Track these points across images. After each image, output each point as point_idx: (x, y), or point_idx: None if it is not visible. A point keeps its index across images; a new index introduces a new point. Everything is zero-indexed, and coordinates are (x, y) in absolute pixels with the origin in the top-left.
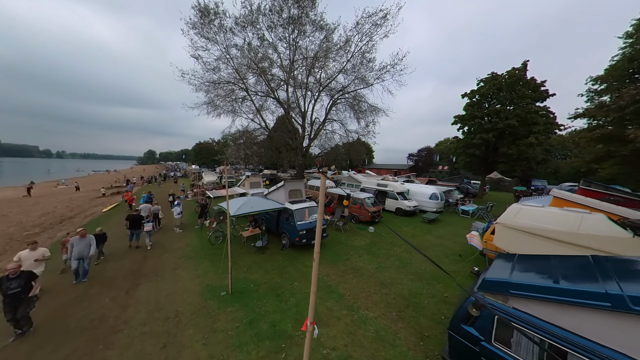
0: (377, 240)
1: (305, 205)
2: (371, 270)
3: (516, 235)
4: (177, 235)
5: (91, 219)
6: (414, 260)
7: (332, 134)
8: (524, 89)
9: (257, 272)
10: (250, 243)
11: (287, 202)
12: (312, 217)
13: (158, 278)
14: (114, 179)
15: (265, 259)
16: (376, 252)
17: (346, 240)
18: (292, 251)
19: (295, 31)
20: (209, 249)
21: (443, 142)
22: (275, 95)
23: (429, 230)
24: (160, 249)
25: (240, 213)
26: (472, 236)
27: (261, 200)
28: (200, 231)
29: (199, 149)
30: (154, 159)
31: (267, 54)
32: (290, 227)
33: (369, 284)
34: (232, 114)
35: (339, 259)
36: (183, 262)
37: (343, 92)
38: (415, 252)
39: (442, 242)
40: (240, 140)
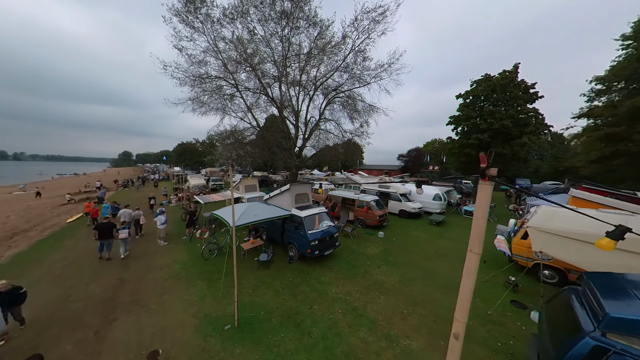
0: (390, 246)
1: (315, 212)
2: (395, 284)
3: (555, 240)
4: (161, 248)
5: (51, 231)
6: (438, 269)
7: (326, 134)
8: (516, 91)
9: (266, 294)
10: (251, 257)
11: (293, 209)
12: (322, 225)
13: (140, 308)
14: (84, 183)
15: (272, 275)
16: (394, 261)
17: (358, 248)
18: (301, 264)
19: (288, 26)
20: (202, 265)
21: (431, 143)
22: (268, 93)
23: (439, 234)
24: (141, 267)
25: (242, 223)
26: (500, 241)
27: (264, 206)
28: (190, 243)
29: (182, 150)
30: (130, 160)
31: (259, 50)
32: (299, 237)
33: (400, 303)
34: (220, 112)
35: (357, 271)
36: (172, 285)
37: (338, 91)
38: (436, 259)
39: (458, 247)
40: (228, 141)
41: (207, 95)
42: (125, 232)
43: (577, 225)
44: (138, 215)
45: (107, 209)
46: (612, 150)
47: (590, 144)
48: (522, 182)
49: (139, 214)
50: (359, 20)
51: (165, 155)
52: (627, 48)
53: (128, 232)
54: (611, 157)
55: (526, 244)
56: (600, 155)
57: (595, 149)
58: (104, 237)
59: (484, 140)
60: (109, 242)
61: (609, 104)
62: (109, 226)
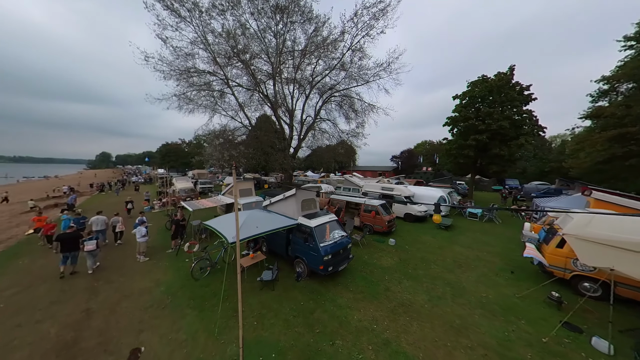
0: (404, 256)
1: (325, 220)
2: (425, 304)
3: (598, 249)
4: (141, 266)
5: (4, 247)
6: (465, 283)
7: (322, 134)
8: (512, 92)
9: (275, 325)
10: (251, 275)
11: (300, 217)
12: (333, 235)
13: (110, 357)
14: (53, 186)
15: (279, 299)
16: (413, 274)
17: (370, 258)
18: (311, 282)
19: (282, 21)
20: (192, 287)
21: (421, 145)
22: (262, 90)
23: (451, 239)
24: (114, 292)
25: (243, 238)
26: (531, 249)
27: (265, 215)
28: (176, 258)
29: (166, 151)
30: (109, 162)
31: (251, 45)
32: (309, 251)
33: (437, 331)
34: (209, 110)
35: (377, 289)
36: (153, 317)
37: (334, 89)
38: (459, 270)
39: (477, 255)
40: (217, 141)
41: (195, 91)
42: (92, 244)
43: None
44: (116, 222)
45: (67, 222)
46: (625, 151)
47: (600, 144)
48: (511, 183)
49: (117, 220)
50: (358, 15)
51: (148, 157)
52: (630, 49)
53: (96, 244)
54: (623, 157)
55: (563, 253)
56: (611, 155)
57: (603, 149)
58: (68, 249)
59: (482, 141)
60: (74, 255)
61: (623, 104)
62: (73, 236)
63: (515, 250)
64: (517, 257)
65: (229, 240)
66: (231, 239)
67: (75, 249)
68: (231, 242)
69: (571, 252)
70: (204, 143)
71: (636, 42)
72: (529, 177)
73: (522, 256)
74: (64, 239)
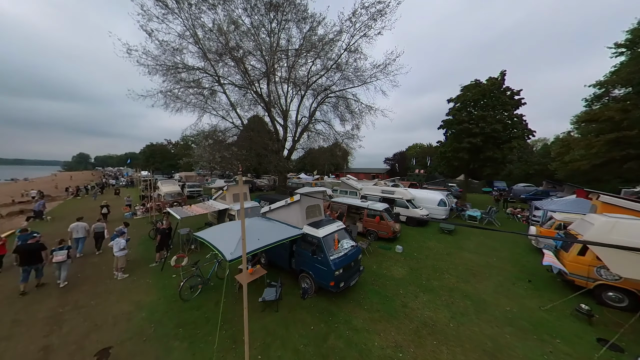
0: (414, 264)
1: (333, 229)
2: (449, 323)
3: (629, 257)
4: (119, 285)
5: None
6: (484, 295)
7: (317, 136)
8: (504, 97)
9: (283, 358)
10: (250, 293)
11: (306, 226)
12: (342, 245)
13: None
14: (21, 190)
15: (285, 321)
16: (428, 285)
17: (379, 268)
18: (320, 300)
19: (276, 20)
20: (180, 311)
21: (413, 147)
22: (256, 89)
23: (457, 244)
24: (83, 320)
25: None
26: (550, 257)
27: (267, 224)
28: (161, 273)
29: (150, 152)
30: (86, 163)
31: (243, 42)
32: (317, 264)
33: (470, 356)
34: (199, 109)
35: (393, 306)
36: (131, 354)
37: (330, 90)
38: (474, 280)
39: (487, 261)
40: (206, 142)
41: (183, 88)
42: (62, 255)
43: None
44: (100, 228)
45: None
46: (623, 154)
47: (599, 147)
48: (499, 185)
49: (102, 226)
50: (357, 15)
51: (131, 158)
52: (621, 55)
53: (67, 254)
54: (622, 160)
55: (585, 261)
56: (609, 158)
57: (601, 152)
58: (29, 262)
59: (476, 144)
60: (38, 268)
61: (621, 108)
62: (35, 248)
63: (524, 255)
64: (529, 263)
65: (227, 257)
66: (229, 255)
67: (37, 262)
68: (230, 259)
69: (594, 260)
70: (191, 144)
71: (627, 49)
72: (515, 179)
73: (541, 264)
74: (23, 250)
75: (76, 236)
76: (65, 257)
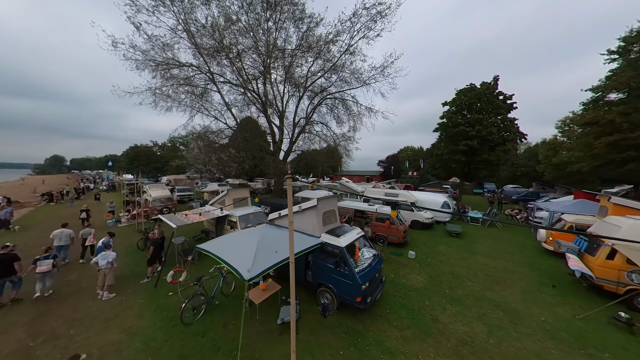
0: (432, 271)
1: (354, 237)
2: (488, 339)
3: None
4: (104, 307)
5: None
6: (514, 304)
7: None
8: (497, 101)
9: None
10: (264, 312)
11: (324, 234)
12: (363, 254)
13: None
14: None
15: (308, 346)
16: (452, 294)
17: (396, 277)
18: (342, 317)
19: (272, 19)
20: (182, 338)
21: (404, 150)
22: (253, 87)
23: (467, 248)
24: (59, 358)
25: (262, 270)
26: (576, 261)
27: (282, 233)
28: (155, 291)
29: (134, 154)
30: (61, 166)
31: (238, 41)
32: (340, 277)
33: None
34: (190, 109)
35: (423, 320)
36: None
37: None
38: (498, 287)
39: (504, 266)
40: (199, 143)
41: (174, 86)
42: (47, 264)
43: None
44: (87, 234)
45: None
46: (624, 156)
47: (599, 149)
48: (489, 186)
49: (88, 232)
50: (357, 15)
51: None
52: (614, 61)
53: (53, 263)
54: (622, 163)
55: (614, 265)
56: (608, 160)
57: (601, 154)
58: (3, 274)
59: (472, 147)
60: (13, 280)
61: (622, 111)
62: (6, 258)
63: (537, 259)
64: (544, 266)
65: (245, 276)
66: (246, 274)
67: (10, 274)
68: (248, 278)
69: (624, 264)
70: (179, 146)
71: (619, 56)
72: (503, 181)
73: (567, 268)
74: None
75: (58, 244)
76: (50, 267)
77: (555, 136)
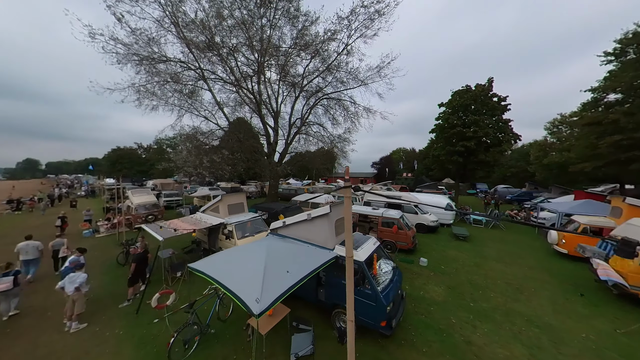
0: (449, 281)
1: (371, 248)
2: None
3: None
4: (71, 341)
5: None
6: (546, 317)
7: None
8: (493, 102)
9: None
10: (272, 343)
11: (337, 246)
12: (381, 267)
13: None
14: None
15: None
16: (478, 308)
17: (412, 289)
18: (363, 344)
19: (266, 17)
20: None
21: (396, 152)
22: (247, 86)
23: (479, 253)
24: None
25: (274, 300)
26: (607, 270)
27: (289, 246)
28: (136, 318)
29: (117, 157)
30: (35, 171)
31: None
32: (361, 298)
33: None
34: (178, 108)
35: (455, 342)
36: None
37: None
38: (522, 297)
39: (524, 273)
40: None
41: (160, 83)
42: (7, 282)
43: None
44: (58, 245)
45: None
46: (628, 156)
47: (603, 149)
48: (481, 187)
49: (60, 242)
50: (355, 13)
51: (93, 164)
52: (610, 63)
53: (14, 280)
54: (626, 162)
55: None
56: (612, 160)
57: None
58: None
59: (470, 148)
60: None
61: (627, 111)
62: None
63: (551, 262)
64: (563, 270)
65: (254, 311)
66: (256, 307)
67: None
68: (259, 312)
69: None
70: (166, 148)
71: (615, 58)
72: (494, 181)
73: (597, 277)
74: None
75: (25, 257)
76: (10, 285)
77: (545, 137)
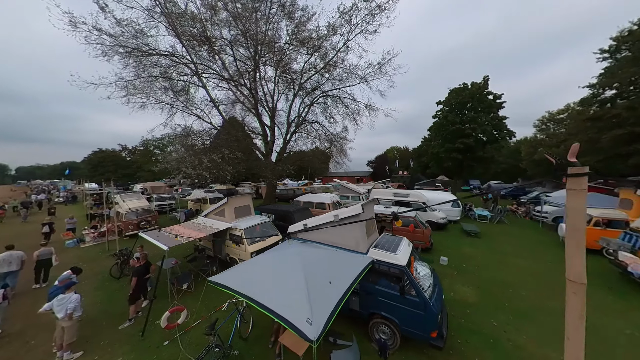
0: (475, 280)
1: (407, 251)
2: None
3: None
4: None
5: None
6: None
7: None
8: (489, 100)
9: None
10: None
11: (371, 249)
12: (417, 271)
13: None
14: None
15: None
16: (516, 309)
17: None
18: (407, 357)
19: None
20: None
21: (390, 150)
22: (243, 84)
23: (495, 249)
24: None
25: (328, 318)
26: (633, 261)
27: (321, 252)
28: (142, 342)
29: (98, 160)
30: (4, 176)
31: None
32: (405, 306)
33: None
34: (169, 106)
35: (504, 349)
36: None
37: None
38: (557, 295)
39: (546, 267)
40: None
41: (149, 79)
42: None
43: None
44: (46, 254)
45: None
46: (629, 149)
47: (605, 143)
48: (474, 183)
49: (48, 251)
50: (355, 8)
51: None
52: (605, 60)
53: (2, 295)
54: (626, 156)
55: None
56: (613, 154)
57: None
58: None
59: (468, 145)
60: None
61: (629, 106)
62: None
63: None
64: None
65: (311, 337)
66: (312, 332)
67: None
68: (316, 337)
69: None
70: (154, 149)
71: (610, 55)
72: (485, 177)
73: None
74: None
75: (7, 269)
76: None
77: (535, 134)
